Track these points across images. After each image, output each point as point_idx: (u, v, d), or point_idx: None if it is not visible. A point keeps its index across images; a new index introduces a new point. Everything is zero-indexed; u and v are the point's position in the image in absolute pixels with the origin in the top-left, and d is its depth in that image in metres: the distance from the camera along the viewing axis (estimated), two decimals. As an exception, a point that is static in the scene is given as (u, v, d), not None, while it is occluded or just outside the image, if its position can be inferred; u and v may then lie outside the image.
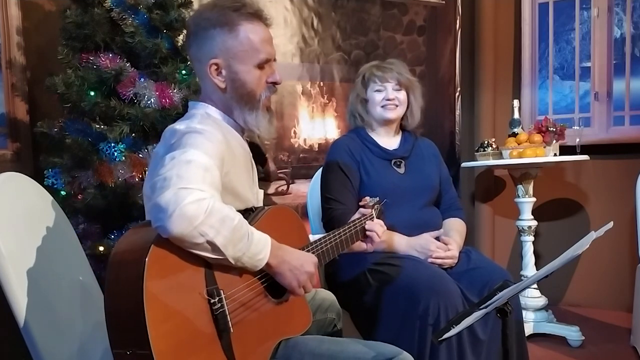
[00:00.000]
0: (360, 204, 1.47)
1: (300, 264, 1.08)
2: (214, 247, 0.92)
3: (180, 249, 0.90)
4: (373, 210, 1.45)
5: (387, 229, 1.51)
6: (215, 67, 1.15)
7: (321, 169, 1.87)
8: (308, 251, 1.18)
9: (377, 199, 1.49)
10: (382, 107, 1.80)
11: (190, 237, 0.88)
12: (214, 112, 1.18)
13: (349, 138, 1.84)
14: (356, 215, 1.42)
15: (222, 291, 0.96)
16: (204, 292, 0.94)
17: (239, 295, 1.01)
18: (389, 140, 1.85)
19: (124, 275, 0.88)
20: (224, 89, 1.17)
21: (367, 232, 1.39)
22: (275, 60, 1.22)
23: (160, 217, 0.87)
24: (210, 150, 1.00)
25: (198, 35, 1.16)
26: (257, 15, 1.17)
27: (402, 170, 1.80)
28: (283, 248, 1.07)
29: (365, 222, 1.40)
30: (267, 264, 1.02)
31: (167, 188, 0.89)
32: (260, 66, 1.17)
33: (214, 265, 0.96)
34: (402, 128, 1.92)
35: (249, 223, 1.07)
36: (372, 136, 1.84)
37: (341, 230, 1.32)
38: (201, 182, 0.92)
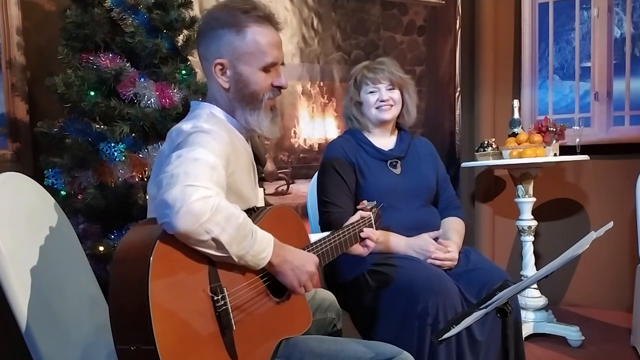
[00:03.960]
0: (358, 207, 1.46)
1: (302, 264, 1.08)
2: (218, 245, 0.92)
3: (184, 246, 0.91)
4: (371, 214, 1.45)
5: (383, 230, 1.49)
6: (220, 67, 1.15)
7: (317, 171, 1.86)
8: (309, 252, 1.18)
9: (375, 202, 1.49)
10: (377, 108, 1.78)
11: (195, 234, 0.89)
12: (218, 112, 1.18)
13: (344, 139, 1.83)
14: (356, 217, 1.41)
15: (225, 289, 0.97)
16: (207, 289, 0.94)
17: (242, 294, 1.01)
18: (384, 141, 1.84)
19: (128, 271, 0.88)
20: (227, 89, 1.17)
21: (363, 236, 1.39)
22: (283, 64, 1.21)
23: (166, 213, 0.88)
24: (217, 149, 1.01)
25: (206, 34, 1.17)
26: (267, 19, 1.17)
27: (398, 170, 1.79)
28: (285, 247, 1.07)
29: (363, 226, 1.40)
30: (269, 263, 1.03)
31: (174, 185, 0.90)
32: (266, 69, 1.17)
33: (218, 263, 0.97)
34: (399, 127, 1.91)
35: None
36: (367, 137, 1.82)
37: (342, 231, 1.32)
38: (208, 180, 0.93)
